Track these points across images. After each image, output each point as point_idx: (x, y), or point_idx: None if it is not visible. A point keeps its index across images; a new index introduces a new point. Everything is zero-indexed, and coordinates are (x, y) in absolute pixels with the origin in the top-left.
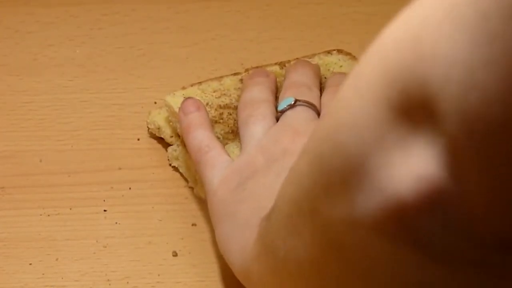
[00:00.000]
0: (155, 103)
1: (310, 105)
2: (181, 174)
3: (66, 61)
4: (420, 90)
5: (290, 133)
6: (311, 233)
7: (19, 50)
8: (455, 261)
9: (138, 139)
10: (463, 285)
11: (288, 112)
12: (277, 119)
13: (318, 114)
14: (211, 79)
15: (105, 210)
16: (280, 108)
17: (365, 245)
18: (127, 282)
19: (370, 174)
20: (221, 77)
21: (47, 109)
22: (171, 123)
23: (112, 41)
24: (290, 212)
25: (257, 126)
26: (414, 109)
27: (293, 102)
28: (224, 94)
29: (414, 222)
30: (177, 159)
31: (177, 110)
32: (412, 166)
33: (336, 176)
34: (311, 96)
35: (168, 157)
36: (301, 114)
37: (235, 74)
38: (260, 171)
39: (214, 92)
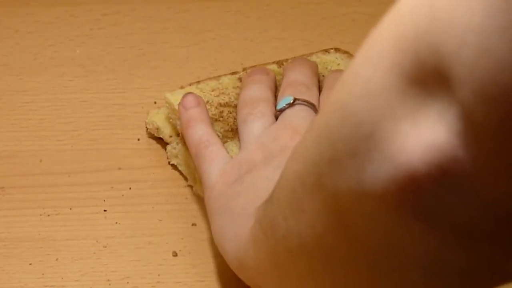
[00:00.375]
0: (155, 103)
1: (309, 104)
2: (180, 172)
3: (66, 61)
4: (434, 56)
5: (289, 131)
6: (316, 208)
7: (19, 50)
8: (467, 233)
9: (138, 139)
10: (474, 258)
11: (287, 111)
12: (276, 118)
13: (313, 106)
14: (209, 78)
15: (105, 210)
16: (279, 107)
17: (372, 218)
18: (127, 282)
19: (381, 143)
20: (219, 76)
21: (47, 109)
22: (170, 120)
23: (112, 41)
24: (294, 188)
25: (256, 124)
26: (427, 77)
27: (292, 101)
28: (223, 92)
29: (424, 193)
30: (176, 156)
31: (177, 107)
32: (424, 135)
33: (345, 146)
34: (310, 95)
35: (167, 155)
36: (300, 113)
37: (233, 73)
38: (259, 165)
39: (212, 91)
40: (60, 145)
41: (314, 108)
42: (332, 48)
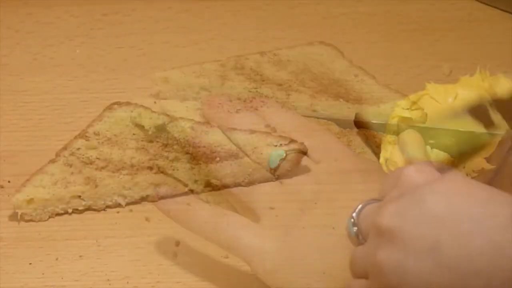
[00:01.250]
0: (155, 103)
1: (298, 151)
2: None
3: (66, 61)
4: None
5: (307, 181)
6: None
7: (19, 50)
8: None
9: None
10: None
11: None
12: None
13: (303, 152)
14: (193, 64)
15: (105, 210)
16: (273, 165)
17: None
18: (127, 282)
19: None
20: (203, 62)
21: (47, 109)
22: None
23: (112, 41)
24: None
25: (263, 187)
26: None
27: (284, 155)
28: (203, 75)
29: None
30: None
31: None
32: None
33: None
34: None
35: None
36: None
37: (215, 60)
38: (307, 210)
39: (193, 72)
40: (60, 145)
41: (299, 149)
42: (316, 41)
